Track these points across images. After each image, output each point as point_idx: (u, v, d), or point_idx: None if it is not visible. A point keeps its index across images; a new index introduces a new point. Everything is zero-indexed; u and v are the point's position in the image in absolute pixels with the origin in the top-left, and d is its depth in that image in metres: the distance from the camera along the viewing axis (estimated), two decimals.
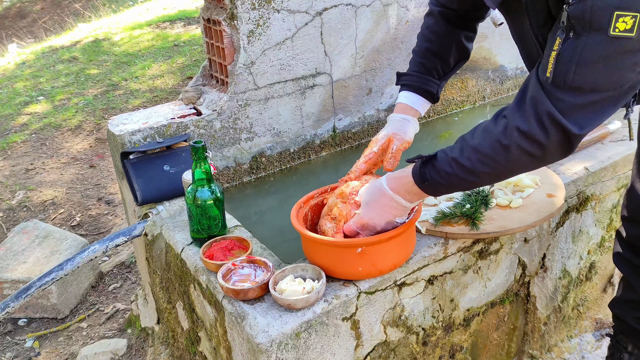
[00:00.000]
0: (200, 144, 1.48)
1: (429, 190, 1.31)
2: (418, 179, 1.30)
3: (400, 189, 1.33)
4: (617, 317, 1.77)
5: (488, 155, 1.20)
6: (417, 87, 1.57)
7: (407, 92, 1.58)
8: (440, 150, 1.30)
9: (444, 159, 1.27)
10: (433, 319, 1.59)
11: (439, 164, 1.27)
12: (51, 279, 1.72)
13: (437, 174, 1.27)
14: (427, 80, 1.57)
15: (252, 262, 1.43)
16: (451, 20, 1.58)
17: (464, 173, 1.24)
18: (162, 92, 4.67)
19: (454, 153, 1.25)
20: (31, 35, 9.72)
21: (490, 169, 1.22)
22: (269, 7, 2.09)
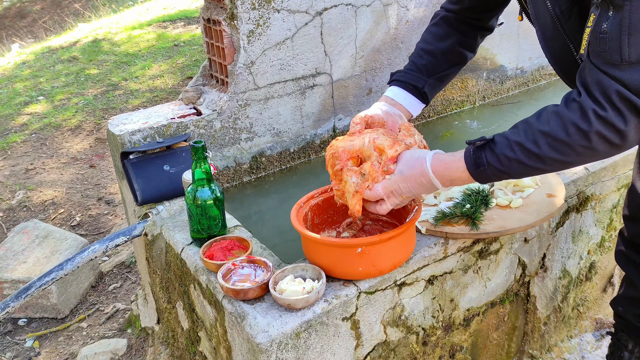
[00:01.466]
0: (200, 144, 1.48)
1: (481, 176, 1.24)
2: (472, 164, 1.23)
3: (444, 173, 1.26)
4: (619, 314, 1.77)
5: (562, 141, 1.14)
6: (403, 82, 1.55)
7: (392, 87, 1.56)
8: (496, 134, 1.22)
9: (504, 142, 1.20)
10: (433, 319, 1.60)
11: (498, 148, 1.20)
12: (51, 278, 1.72)
13: (496, 158, 1.20)
14: (415, 77, 1.55)
15: (252, 262, 1.43)
16: (452, 25, 1.58)
17: (528, 158, 1.18)
18: (162, 92, 4.67)
19: (517, 136, 1.18)
20: (31, 35, 9.72)
21: (562, 155, 1.16)
22: (269, 7, 2.09)
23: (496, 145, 1.20)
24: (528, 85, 3.06)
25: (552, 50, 1.35)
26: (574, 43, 1.28)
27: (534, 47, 2.99)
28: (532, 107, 2.86)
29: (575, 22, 1.25)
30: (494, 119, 2.77)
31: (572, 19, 1.24)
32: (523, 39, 2.92)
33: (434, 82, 1.58)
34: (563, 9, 1.24)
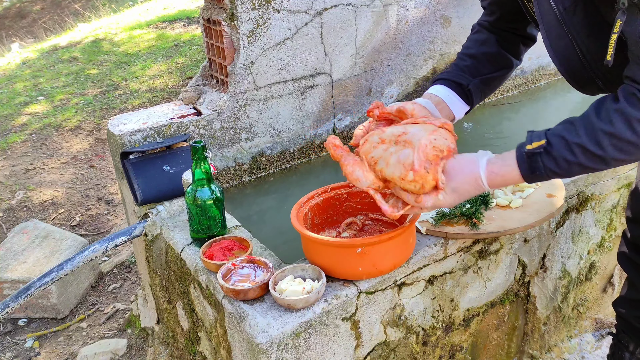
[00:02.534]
0: (200, 144, 1.48)
1: (536, 179, 1.18)
2: (526, 169, 1.16)
3: (498, 183, 1.20)
4: (620, 316, 1.77)
5: (628, 141, 1.08)
6: (445, 80, 1.48)
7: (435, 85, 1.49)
8: (549, 134, 1.15)
9: (562, 144, 1.12)
10: (433, 319, 1.59)
11: (555, 151, 1.13)
12: (51, 279, 1.72)
13: (554, 162, 1.13)
14: (459, 75, 1.49)
15: (252, 262, 1.43)
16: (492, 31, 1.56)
17: (590, 161, 1.12)
18: (162, 92, 4.67)
19: (576, 137, 1.11)
20: (31, 35, 9.72)
21: (627, 155, 1.10)
22: (269, 7, 2.09)
23: (553, 147, 1.13)
24: (528, 86, 3.06)
25: (557, 49, 1.31)
26: (579, 42, 1.25)
27: (534, 47, 2.98)
28: (532, 107, 2.86)
29: (579, 20, 1.22)
30: (494, 119, 2.77)
31: (576, 16, 1.22)
32: None
33: (479, 84, 1.52)
34: (566, 6, 1.21)
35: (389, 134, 1.24)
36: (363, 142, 1.28)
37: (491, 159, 1.21)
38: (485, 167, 1.20)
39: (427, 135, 1.20)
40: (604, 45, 1.18)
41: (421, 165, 1.16)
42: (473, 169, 1.20)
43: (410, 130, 1.22)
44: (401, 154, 1.18)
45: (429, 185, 1.17)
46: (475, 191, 1.21)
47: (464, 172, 1.20)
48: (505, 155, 1.20)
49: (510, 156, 1.19)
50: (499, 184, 1.20)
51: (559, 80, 3.15)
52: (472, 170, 1.20)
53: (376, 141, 1.25)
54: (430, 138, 1.19)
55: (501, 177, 1.19)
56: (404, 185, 1.18)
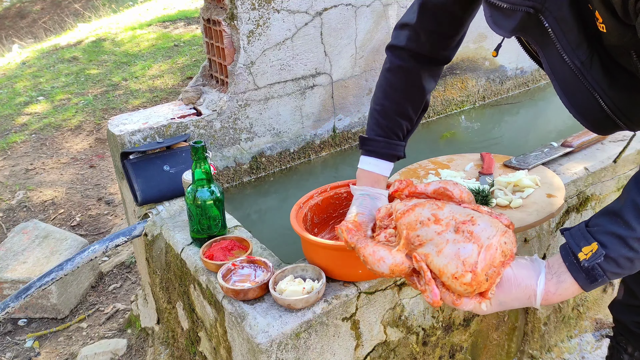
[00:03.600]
0: (200, 144, 1.48)
1: (598, 285, 1.05)
2: (586, 281, 1.04)
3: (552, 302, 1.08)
4: (617, 320, 1.76)
5: None
6: (384, 154, 1.44)
7: (374, 159, 1.43)
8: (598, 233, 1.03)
9: (618, 243, 1.01)
10: (433, 319, 1.59)
11: (614, 253, 1.01)
12: (51, 279, 1.72)
13: (614, 264, 1.02)
14: (395, 146, 1.44)
15: (252, 262, 1.43)
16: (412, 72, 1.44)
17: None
18: (162, 92, 4.67)
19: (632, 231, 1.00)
20: (31, 35, 9.72)
21: None
22: (269, 7, 2.09)
23: (610, 249, 1.01)
24: (528, 86, 3.06)
25: (576, 103, 1.21)
26: (600, 93, 1.16)
27: None
28: (532, 107, 2.86)
29: (598, 71, 1.13)
30: (494, 119, 2.77)
31: (594, 67, 1.13)
32: None
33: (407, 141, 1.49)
34: (583, 59, 1.12)
35: (447, 213, 1.05)
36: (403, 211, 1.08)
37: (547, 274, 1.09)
38: (543, 288, 1.07)
39: (499, 236, 1.02)
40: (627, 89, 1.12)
41: (484, 270, 0.99)
42: (529, 287, 1.07)
43: (478, 222, 1.03)
44: (462, 247, 1.00)
45: (479, 290, 1.01)
46: (521, 306, 1.10)
47: (519, 288, 1.07)
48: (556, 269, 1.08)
49: (562, 270, 1.07)
50: (553, 302, 1.09)
51: None
52: (528, 287, 1.07)
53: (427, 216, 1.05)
54: (501, 241, 1.02)
55: (558, 297, 1.07)
56: (453, 285, 1.00)
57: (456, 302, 1.03)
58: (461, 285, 0.99)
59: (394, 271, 1.05)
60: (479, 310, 1.06)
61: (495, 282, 1.02)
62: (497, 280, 1.02)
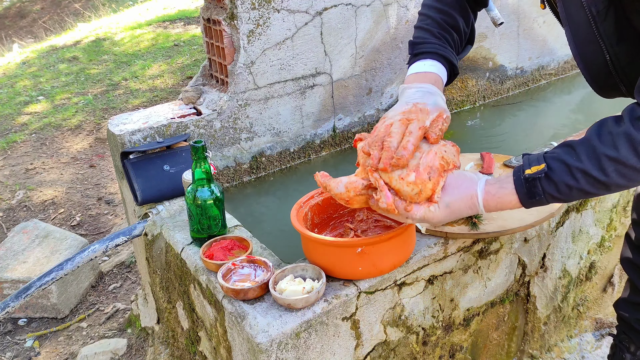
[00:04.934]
0: (200, 144, 1.48)
1: (534, 205, 1.14)
2: (525, 194, 1.12)
3: (495, 206, 1.16)
4: (622, 318, 1.76)
5: (634, 167, 1.03)
6: (441, 56, 1.34)
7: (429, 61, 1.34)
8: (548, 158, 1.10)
9: (562, 169, 1.08)
10: (433, 319, 1.60)
11: (556, 176, 1.08)
12: (51, 278, 1.72)
13: (554, 187, 1.09)
14: (450, 52, 1.36)
15: (252, 261, 1.43)
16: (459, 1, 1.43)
17: (592, 187, 1.07)
18: (162, 92, 4.67)
19: (579, 162, 1.06)
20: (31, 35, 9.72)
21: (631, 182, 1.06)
22: (269, 7, 2.09)
23: (554, 172, 1.09)
24: (528, 85, 3.06)
25: (584, 53, 1.25)
26: (608, 46, 1.19)
27: (534, 47, 2.99)
28: (532, 107, 2.86)
29: (610, 24, 1.16)
30: (494, 119, 2.77)
31: (608, 20, 1.16)
32: (523, 39, 2.92)
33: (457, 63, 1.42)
34: (600, 9, 1.14)
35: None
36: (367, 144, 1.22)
37: (489, 180, 1.18)
38: (484, 187, 1.16)
39: (439, 146, 1.17)
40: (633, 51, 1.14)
41: (425, 170, 1.13)
42: (470, 187, 1.17)
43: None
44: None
45: (425, 193, 1.14)
46: (468, 210, 1.18)
47: (461, 189, 1.17)
48: (502, 179, 1.16)
49: (508, 180, 1.15)
50: (494, 207, 1.16)
51: (559, 80, 3.15)
52: (469, 188, 1.17)
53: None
54: (441, 149, 1.17)
55: (497, 200, 1.15)
56: (401, 186, 1.14)
57: (407, 208, 1.14)
58: (408, 184, 1.13)
59: (348, 188, 1.19)
60: (429, 216, 1.15)
61: (439, 184, 1.14)
62: (441, 183, 1.14)
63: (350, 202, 1.21)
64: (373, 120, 2.55)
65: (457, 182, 1.17)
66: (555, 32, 3.02)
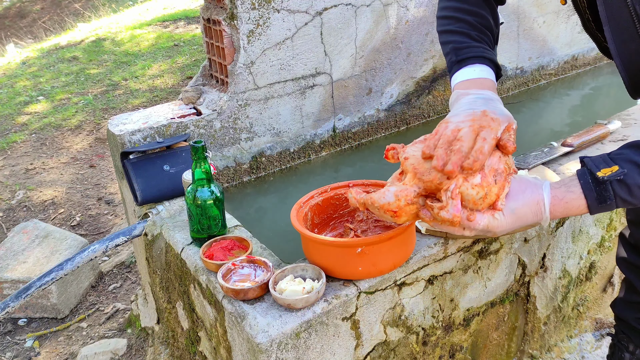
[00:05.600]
0: (200, 144, 1.48)
1: (602, 210, 1.07)
2: (595, 199, 1.05)
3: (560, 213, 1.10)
4: (620, 317, 1.77)
5: None
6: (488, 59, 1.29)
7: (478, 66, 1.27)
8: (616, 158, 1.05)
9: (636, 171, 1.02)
10: (433, 319, 1.60)
11: (629, 178, 1.03)
12: (51, 278, 1.72)
13: (627, 190, 1.03)
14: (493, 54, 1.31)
15: (252, 262, 1.43)
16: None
17: None
18: (162, 92, 4.67)
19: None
20: (31, 35, 9.73)
21: None
22: (269, 7, 2.09)
23: (627, 175, 1.03)
24: (528, 85, 3.06)
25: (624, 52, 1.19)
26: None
27: (534, 47, 2.99)
28: (532, 107, 2.86)
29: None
30: None
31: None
32: (523, 39, 2.92)
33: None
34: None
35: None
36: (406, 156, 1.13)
37: (553, 184, 1.12)
38: (550, 192, 1.10)
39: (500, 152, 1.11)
40: None
41: (491, 173, 1.05)
42: (535, 192, 1.10)
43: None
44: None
45: (490, 198, 1.06)
46: (532, 217, 1.10)
47: (526, 193, 1.10)
48: (567, 182, 1.10)
49: (574, 183, 1.08)
50: (560, 213, 1.10)
51: (559, 80, 3.15)
52: (535, 193, 1.10)
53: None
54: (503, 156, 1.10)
55: (564, 204, 1.08)
56: (465, 189, 1.05)
57: (470, 218, 1.06)
58: (473, 187, 1.03)
59: (399, 197, 1.08)
60: (493, 225, 1.07)
61: (504, 190, 1.07)
62: (506, 189, 1.07)
63: (399, 213, 1.10)
64: (373, 121, 2.55)
65: (520, 187, 1.10)
66: (555, 32, 3.02)
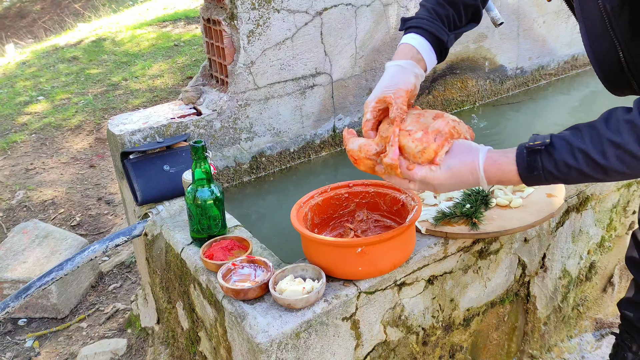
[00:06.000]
0: (200, 144, 1.48)
1: (533, 181, 1.13)
2: (525, 168, 1.12)
3: (495, 174, 1.16)
4: (625, 317, 1.76)
5: (634, 154, 1.04)
6: (426, 31, 1.35)
7: (414, 35, 1.35)
8: (554, 136, 1.11)
9: (565, 147, 1.09)
10: (433, 319, 1.59)
11: (557, 154, 1.09)
12: (51, 278, 1.72)
13: (553, 164, 1.10)
14: (439, 27, 1.35)
15: (252, 262, 1.43)
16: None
17: (591, 168, 1.08)
18: (162, 92, 4.66)
19: (580, 143, 1.08)
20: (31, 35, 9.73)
21: (629, 169, 1.07)
22: (269, 7, 2.09)
23: (555, 149, 1.10)
24: (528, 85, 3.06)
25: (597, 51, 1.25)
26: (622, 45, 1.19)
27: (534, 47, 2.99)
28: (532, 107, 2.86)
29: (624, 21, 1.16)
30: (494, 119, 2.77)
31: (622, 17, 1.16)
32: (523, 39, 2.92)
33: (453, 39, 1.41)
34: (614, 5, 1.15)
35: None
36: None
37: (492, 149, 1.19)
38: (486, 152, 1.17)
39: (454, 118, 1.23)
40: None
41: (433, 132, 1.17)
42: (473, 153, 1.18)
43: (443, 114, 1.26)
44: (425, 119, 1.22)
45: (428, 153, 1.17)
46: (469, 176, 1.17)
47: (464, 154, 1.18)
48: (506, 150, 1.17)
49: (512, 150, 1.16)
50: (494, 176, 1.16)
51: (559, 80, 3.15)
52: (472, 154, 1.17)
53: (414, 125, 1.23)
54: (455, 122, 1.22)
55: (497, 167, 1.15)
56: (407, 142, 1.18)
57: (409, 167, 1.19)
58: (413, 141, 1.17)
59: (361, 149, 1.26)
60: (430, 177, 1.18)
61: (443, 148, 1.17)
62: (445, 147, 1.17)
63: (358, 162, 1.27)
64: None
65: (460, 149, 1.19)
66: (555, 32, 3.02)
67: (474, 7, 1.43)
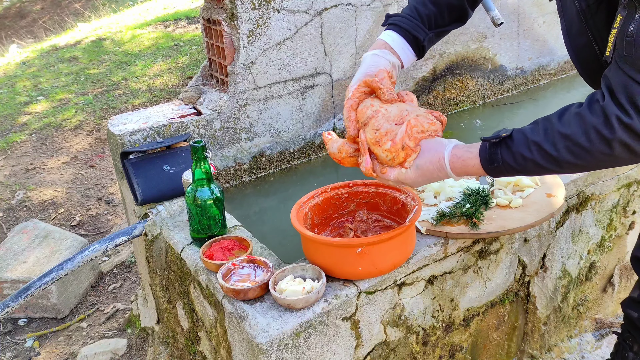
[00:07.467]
0: (200, 144, 1.48)
1: (495, 172, 1.20)
2: (486, 160, 1.18)
3: (461, 168, 1.22)
4: (628, 316, 1.76)
5: (582, 146, 1.08)
6: (402, 29, 1.40)
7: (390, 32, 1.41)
8: (515, 130, 1.16)
9: (522, 140, 1.14)
10: (433, 319, 1.60)
11: (514, 146, 1.15)
12: (51, 278, 1.72)
13: (511, 156, 1.15)
14: (416, 25, 1.40)
15: (252, 262, 1.43)
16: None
17: (544, 160, 1.13)
18: (162, 92, 4.67)
19: (535, 136, 1.13)
20: (31, 35, 9.72)
21: (579, 160, 1.11)
22: (269, 7, 2.09)
23: (513, 142, 1.16)
24: (528, 85, 3.06)
25: (576, 47, 1.30)
26: (598, 41, 1.23)
27: (534, 47, 2.99)
28: (532, 107, 2.86)
29: (601, 19, 1.20)
30: (493, 119, 2.77)
31: (599, 15, 1.19)
32: (523, 39, 2.92)
33: (433, 37, 1.45)
34: (590, 3, 1.19)
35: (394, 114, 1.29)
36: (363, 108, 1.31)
37: (458, 144, 1.24)
38: (452, 149, 1.23)
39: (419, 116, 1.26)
40: None
41: (402, 140, 1.23)
42: (439, 150, 1.23)
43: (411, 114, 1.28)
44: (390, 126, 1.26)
45: (398, 160, 1.24)
46: (437, 172, 1.23)
47: (430, 151, 1.24)
48: (471, 144, 1.23)
49: (475, 145, 1.22)
50: (460, 170, 1.22)
51: (559, 80, 3.15)
52: (438, 151, 1.23)
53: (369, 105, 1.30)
54: (420, 120, 1.26)
55: (462, 162, 1.21)
56: (378, 152, 1.26)
57: (383, 171, 1.27)
58: (383, 151, 1.25)
59: (341, 150, 1.33)
60: (403, 177, 1.25)
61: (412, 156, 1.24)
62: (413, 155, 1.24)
63: (342, 162, 1.34)
64: None
65: (428, 147, 1.25)
66: (555, 32, 3.02)
67: (459, 7, 1.47)
